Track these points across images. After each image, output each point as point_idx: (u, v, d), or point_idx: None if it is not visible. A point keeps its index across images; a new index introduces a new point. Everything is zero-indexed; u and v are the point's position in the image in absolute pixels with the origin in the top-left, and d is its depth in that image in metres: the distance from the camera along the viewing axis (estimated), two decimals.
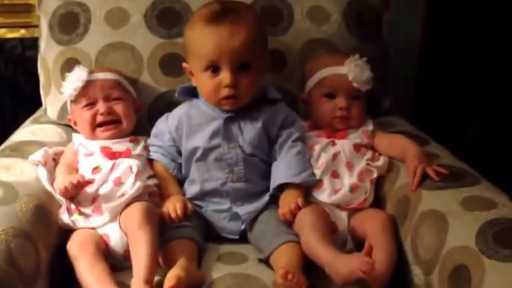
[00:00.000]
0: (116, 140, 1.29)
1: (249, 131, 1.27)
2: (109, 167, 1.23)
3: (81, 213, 1.18)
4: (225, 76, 1.22)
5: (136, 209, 1.15)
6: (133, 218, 1.14)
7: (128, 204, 1.18)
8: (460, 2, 1.88)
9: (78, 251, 1.11)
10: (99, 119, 1.29)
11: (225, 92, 1.23)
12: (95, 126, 1.29)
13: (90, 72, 1.31)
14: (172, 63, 1.35)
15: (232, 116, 1.28)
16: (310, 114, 1.36)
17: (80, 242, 1.13)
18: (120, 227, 1.17)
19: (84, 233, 1.16)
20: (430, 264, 1.06)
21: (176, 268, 1.07)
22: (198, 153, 1.28)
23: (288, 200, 1.20)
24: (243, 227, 1.25)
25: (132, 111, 1.33)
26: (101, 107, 1.29)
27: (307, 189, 1.24)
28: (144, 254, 1.08)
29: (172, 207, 1.20)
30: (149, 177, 1.26)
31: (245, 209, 1.25)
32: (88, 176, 1.22)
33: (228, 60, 1.21)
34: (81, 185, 1.17)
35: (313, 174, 1.24)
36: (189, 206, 1.22)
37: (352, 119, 1.31)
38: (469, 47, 1.88)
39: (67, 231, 1.17)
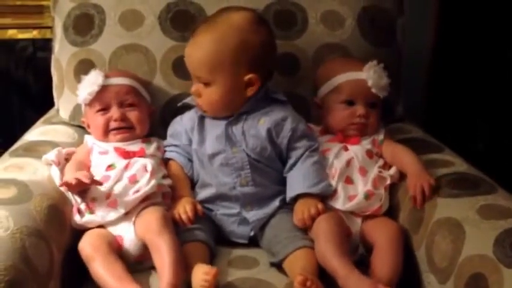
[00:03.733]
0: (128, 142, 1.29)
1: (251, 137, 1.26)
2: (123, 165, 1.22)
3: (92, 212, 1.17)
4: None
5: (153, 215, 1.15)
6: (151, 226, 1.13)
7: (143, 206, 1.18)
8: (472, 8, 1.87)
9: (92, 251, 1.11)
10: (113, 125, 1.28)
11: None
12: (107, 131, 1.29)
13: (106, 77, 1.30)
14: (185, 66, 1.34)
15: (233, 120, 1.27)
16: (322, 118, 1.35)
17: (92, 243, 1.12)
18: (135, 233, 1.16)
19: (95, 233, 1.15)
20: (446, 272, 1.05)
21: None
22: (205, 158, 1.27)
23: (305, 208, 1.19)
24: (252, 233, 1.25)
25: (146, 117, 1.33)
26: (114, 113, 1.28)
27: (323, 198, 1.23)
28: (168, 260, 1.08)
29: (183, 209, 1.20)
30: (164, 177, 1.26)
31: (255, 215, 1.25)
32: (102, 173, 1.22)
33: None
34: (83, 182, 1.14)
35: (330, 185, 1.23)
36: (199, 207, 1.22)
37: (369, 126, 1.30)
38: (482, 52, 1.88)
39: (79, 232, 1.16)
